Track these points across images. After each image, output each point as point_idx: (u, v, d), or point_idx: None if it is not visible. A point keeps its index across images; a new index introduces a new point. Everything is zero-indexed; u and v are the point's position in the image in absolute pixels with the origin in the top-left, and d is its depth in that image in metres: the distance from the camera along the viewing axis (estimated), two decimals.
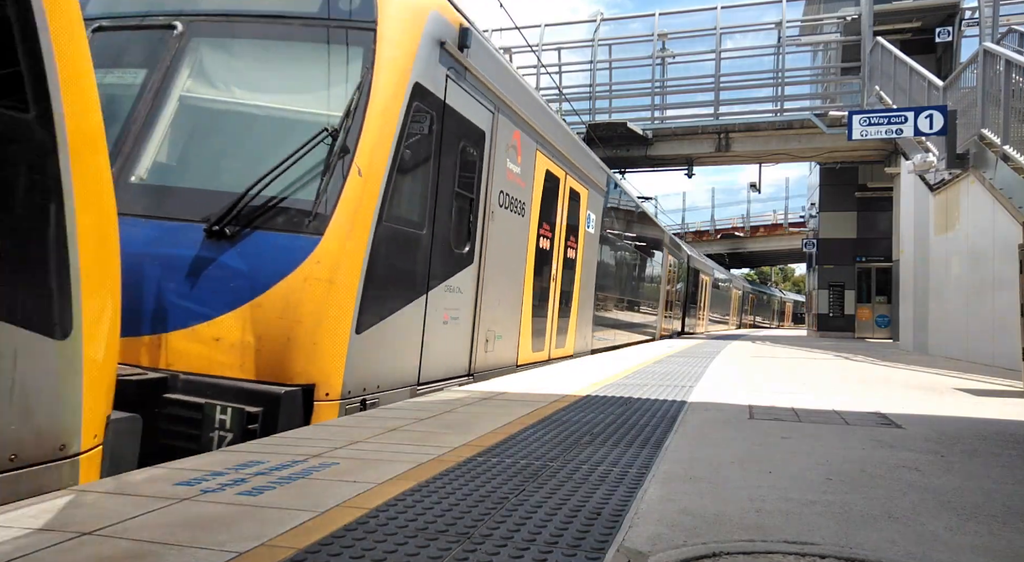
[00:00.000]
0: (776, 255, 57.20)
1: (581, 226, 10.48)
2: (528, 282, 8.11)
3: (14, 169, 2.44)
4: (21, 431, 2.47)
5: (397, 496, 2.35)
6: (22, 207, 2.50)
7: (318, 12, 4.97)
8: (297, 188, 4.56)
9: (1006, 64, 9.31)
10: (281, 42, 5.06)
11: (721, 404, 5.06)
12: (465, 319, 6.41)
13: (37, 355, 2.52)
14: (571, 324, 10.30)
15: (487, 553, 1.82)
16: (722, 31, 22.01)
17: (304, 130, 4.60)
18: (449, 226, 5.90)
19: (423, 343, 5.56)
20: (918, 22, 20.65)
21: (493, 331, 7.16)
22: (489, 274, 6.84)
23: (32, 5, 2.55)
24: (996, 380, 7.76)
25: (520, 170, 7.56)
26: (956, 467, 3.05)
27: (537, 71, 22.23)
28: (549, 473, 2.74)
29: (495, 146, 6.72)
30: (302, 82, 5.00)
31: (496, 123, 6.70)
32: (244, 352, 4.32)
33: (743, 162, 24.15)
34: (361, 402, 4.73)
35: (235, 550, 1.81)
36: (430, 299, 5.62)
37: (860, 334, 23.51)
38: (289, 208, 4.51)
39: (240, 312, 4.35)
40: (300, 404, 4.30)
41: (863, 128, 12.11)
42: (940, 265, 13.06)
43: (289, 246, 4.44)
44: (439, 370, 5.90)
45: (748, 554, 1.88)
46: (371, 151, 4.65)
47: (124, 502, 2.21)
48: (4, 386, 2.39)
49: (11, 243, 2.46)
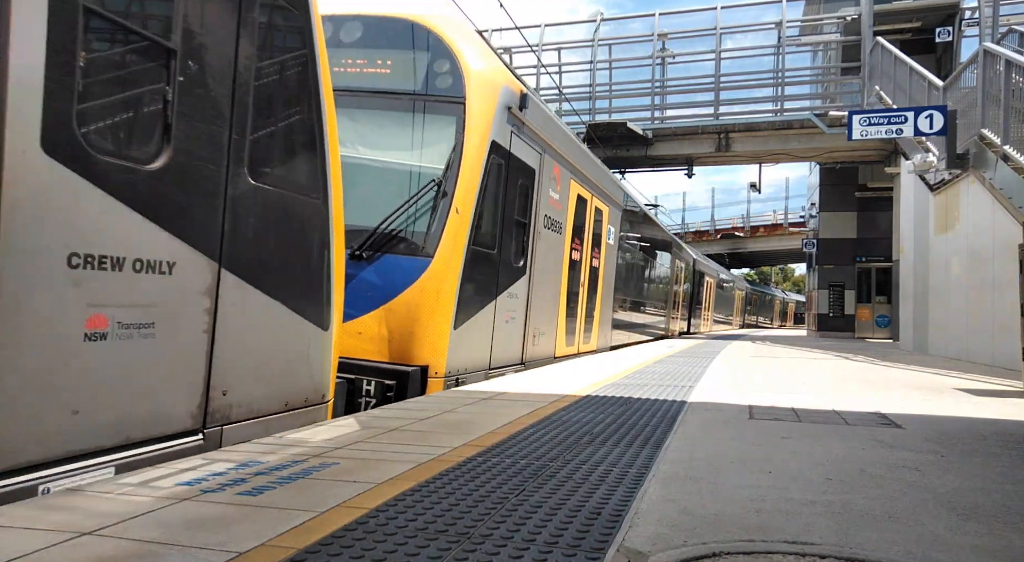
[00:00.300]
0: (776, 255, 57.18)
1: (603, 239, 12.14)
2: (563, 288, 9.79)
3: (313, 230, 4.15)
4: (309, 386, 4.14)
5: (397, 496, 2.35)
6: (316, 253, 4.19)
7: (424, 90, 6.67)
8: (413, 223, 6.31)
9: (1006, 64, 9.31)
10: (397, 112, 6.71)
11: (721, 404, 5.06)
12: (519, 319, 8.05)
13: (317, 341, 4.17)
14: (595, 323, 11.98)
15: (487, 553, 1.82)
16: (722, 31, 22.01)
17: (417, 180, 6.44)
18: (511, 246, 7.59)
19: (492, 337, 7.27)
20: (918, 22, 20.65)
21: (538, 329, 8.82)
22: (535, 282, 8.49)
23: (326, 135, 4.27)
24: (996, 380, 7.76)
25: (558, 196, 9.24)
26: (956, 467, 3.05)
27: (537, 71, 22.23)
28: (549, 473, 2.74)
29: (541, 180, 8.38)
30: (414, 143, 6.67)
31: (543, 162, 8.37)
32: (380, 342, 6.02)
33: (743, 162, 24.15)
34: (456, 380, 6.41)
35: (235, 550, 1.81)
36: (498, 303, 7.33)
37: (860, 334, 23.51)
38: (408, 237, 6.25)
39: (376, 313, 6.04)
40: (419, 380, 5.97)
41: (863, 128, 12.11)
42: (940, 265, 13.06)
43: (410, 266, 6.17)
44: (502, 359, 7.56)
45: (748, 554, 1.88)
46: (463, 195, 6.39)
47: (124, 502, 2.21)
48: (304, 359, 4.07)
49: (309, 276, 4.13)
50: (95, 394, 2.77)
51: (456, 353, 6.39)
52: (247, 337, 3.61)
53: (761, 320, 58.93)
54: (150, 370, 3.03)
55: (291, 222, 3.98)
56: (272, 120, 3.83)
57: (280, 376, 3.91)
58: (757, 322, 57.00)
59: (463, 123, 6.57)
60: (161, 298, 3.06)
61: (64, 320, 2.62)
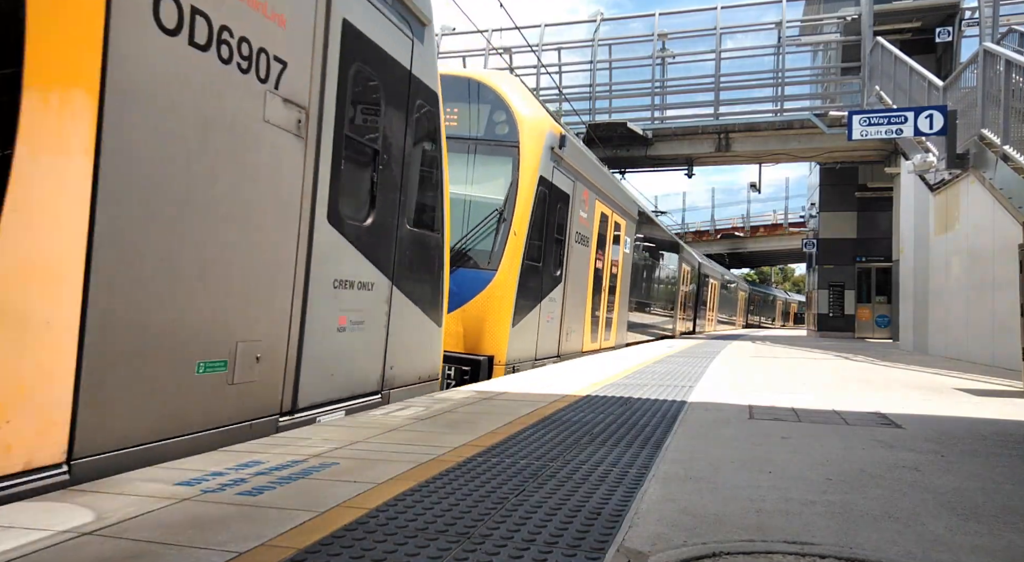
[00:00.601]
0: (776, 255, 57.15)
1: (621, 249, 14.04)
2: (589, 293, 11.59)
3: (436, 256, 5.67)
4: (431, 367, 5.71)
5: (397, 496, 2.35)
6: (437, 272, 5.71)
7: (487, 136, 8.49)
8: (482, 243, 8.09)
9: (1006, 64, 9.31)
10: (467, 154, 8.29)
11: (721, 404, 5.06)
12: (556, 319, 9.91)
13: (435, 335, 5.77)
14: (614, 323, 13.89)
15: (487, 553, 1.82)
16: (722, 31, 22.00)
17: (486, 208, 8.20)
18: (551, 259, 9.38)
19: (538, 334, 9.07)
20: (918, 22, 20.65)
21: (570, 327, 10.61)
22: (568, 289, 10.30)
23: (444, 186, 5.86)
24: (996, 380, 7.76)
25: (586, 215, 11.01)
26: (956, 467, 3.05)
27: (537, 71, 22.23)
28: (549, 473, 2.74)
29: (574, 203, 10.19)
30: (483, 178, 8.40)
31: (575, 188, 10.16)
32: (457, 337, 7.57)
33: (743, 162, 24.14)
34: (512, 367, 8.17)
35: (235, 550, 1.81)
36: (542, 306, 9.11)
37: (860, 334, 23.50)
38: (479, 254, 8.02)
39: (455, 314, 7.51)
40: (487, 366, 7.71)
41: (863, 128, 12.10)
42: (940, 265, 13.06)
43: (480, 277, 7.90)
44: (544, 352, 9.37)
45: (748, 554, 1.88)
46: (519, 220, 8.22)
47: (124, 502, 2.21)
48: (429, 347, 5.62)
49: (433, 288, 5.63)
50: (339, 366, 4.35)
51: (513, 346, 8.20)
52: (402, 331, 5.20)
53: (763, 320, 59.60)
54: (362, 352, 4.66)
55: (425, 251, 5.57)
56: (419, 183, 5.46)
57: (417, 358, 5.53)
58: (760, 322, 57.74)
59: (517, 163, 8.35)
60: (367, 306, 4.67)
61: (329, 320, 4.21)
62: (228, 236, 3.31)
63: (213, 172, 3.18)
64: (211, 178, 3.17)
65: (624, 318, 14.84)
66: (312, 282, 3.99)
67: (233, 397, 3.38)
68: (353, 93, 4.39)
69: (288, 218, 3.78)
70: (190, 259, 3.08)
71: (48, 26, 2.39)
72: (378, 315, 4.83)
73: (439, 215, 5.81)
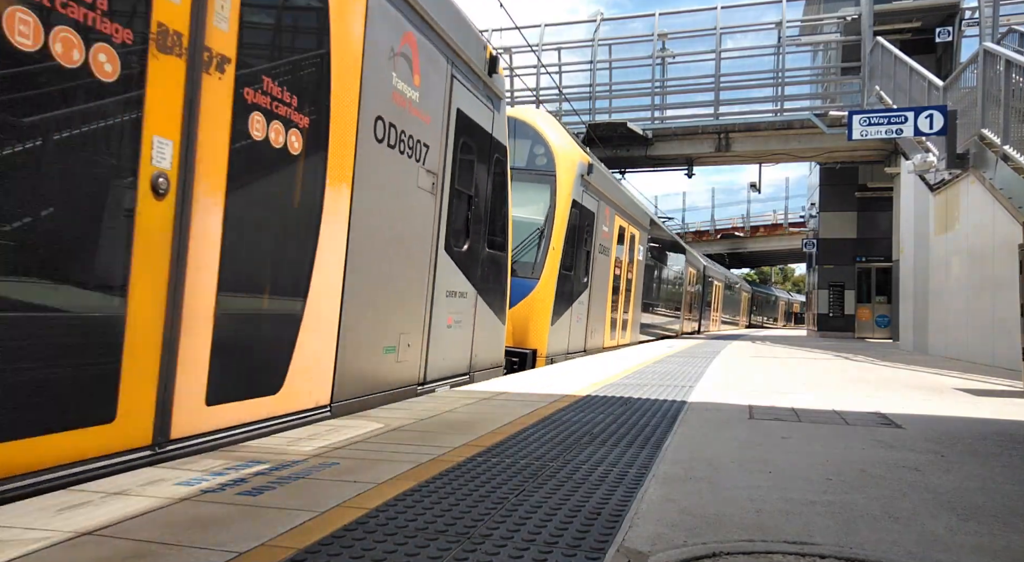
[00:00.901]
0: (776, 255, 57.15)
1: (635, 257, 15.89)
2: (609, 297, 13.40)
3: (503, 270, 7.36)
4: (498, 356, 7.44)
5: (397, 496, 2.35)
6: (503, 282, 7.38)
7: (528, 166, 10.13)
8: (527, 255, 9.70)
9: (1006, 64, 9.31)
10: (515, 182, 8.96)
11: (721, 404, 5.06)
12: (583, 319, 11.53)
13: (502, 331, 7.49)
14: (629, 323, 15.82)
15: (487, 553, 1.82)
16: (722, 31, 22.00)
17: (530, 227, 9.82)
18: (580, 268, 11.03)
19: (569, 332, 10.76)
20: (918, 22, 20.64)
21: (594, 327, 12.35)
22: (593, 293, 12.00)
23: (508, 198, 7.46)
24: (996, 380, 7.76)
25: (607, 229, 12.75)
26: (956, 467, 3.05)
27: (537, 71, 22.23)
28: (549, 473, 2.74)
29: (598, 219, 11.92)
30: (526, 202, 9.82)
31: (599, 206, 11.93)
32: (508, 333, 8.42)
33: (743, 162, 24.13)
34: (550, 359, 9.74)
35: (235, 550, 1.81)
36: (573, 308, 10.82)
37: (860, 334, 23.50)
38: (524, 266, 9.59)
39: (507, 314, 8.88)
40: (532, 358, 9.33)
41: (863, 128, 12.11)
42: (940, 265, 13.05)
43: (525, 285, 9.47)
44: (574, 347, 11.17)
45: (748, 554, 1.88)
46: (556, 236, 9.88)
47: (124, 502, 2.21)
48: (497, 341, 7.35)
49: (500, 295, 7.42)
50: (447, 353, 5.99)
51: (551, 342, 9.92)
52: (482, 328, 6.86)
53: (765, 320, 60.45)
54: (460, 343, 6.33)
55: (496, 267, 7.19)
56: (494, 215, 7.04)
57: (490, 349, 7.17)
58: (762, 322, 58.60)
59: (554, 189, 10.04)
60: (463, 309, 6.32)
61: (443, 320, 5.83)
62: (400, 262, 5.02)
63: (394, 221, 4.91)
64: (394, 225, 4.90)
65: (638, 318, 16.77)
66: (435, 292, 5.66)
67: (398, 370, 5.08)
68: (459, 157, 6.04)
69: (425, 249, 5.47)
70: (386, 277, 4.84)
71: (339, 152, 4.13)
72: (468, 316, 6.52)
73: (505, 238, 7.46)
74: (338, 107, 4.13)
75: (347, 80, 4.22)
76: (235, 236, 3.29)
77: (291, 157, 3.72)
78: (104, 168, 2.63)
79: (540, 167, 10.14)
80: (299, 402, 3.89)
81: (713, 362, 9.67)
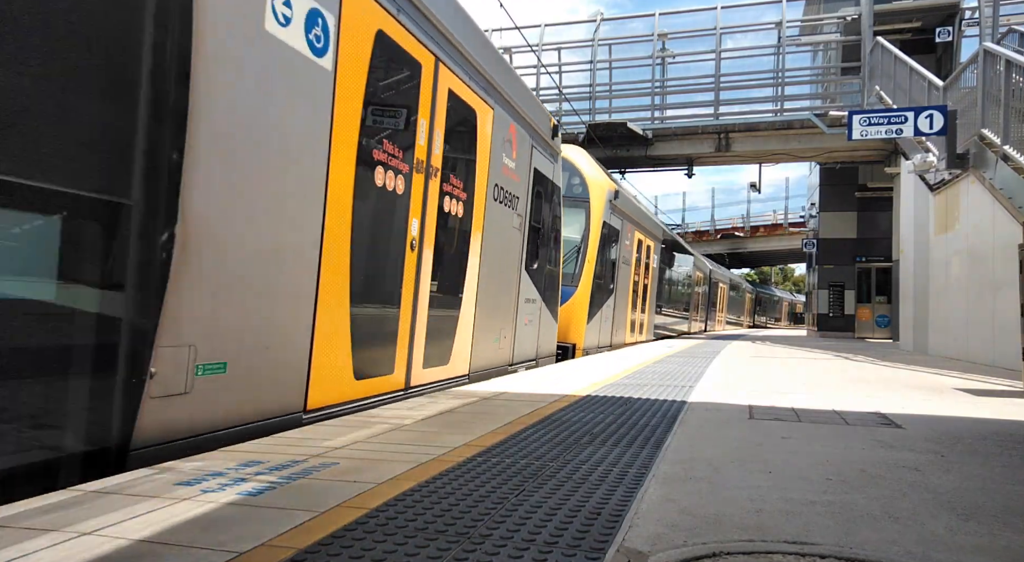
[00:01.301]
0: (776, 255, 57.11)
1: (651, 265, 18.45)
2: (630, 301, 15.94)
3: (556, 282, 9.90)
4: (551, 348, 9.74)
5: (397, 496, 2.35)
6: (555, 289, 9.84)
7: (567, 194, 11.64)
8: (567, 267, 11.52)
9: (1006, 64, 9.31)
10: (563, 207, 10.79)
11: (721, 404, 5.06)
12: (610, 320, 14.08)
13: (555, 329, 9.96)
14: (646, 322, 18.46)
15: (487, 553, 1.82)
16: (722, 31, 21.99)
17: (569, 244, 11.69)
18: (608, 277, 13.47)
19: (599, 330, 13.09)
20: (918, 22, 20.64)
21: (618, 326, 14.88)
22: (617, 298, 14.58)
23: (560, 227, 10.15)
24: (996, 380, 7.76)
25: (629, 243, 15.32)
26: (956, 467, 3.05)
27: (537, 71, 22.22)
28: (549, 473, 2.74)
29: (622, 236, 14.43)
30: (568, 223, 11.25)
31: (623, 225, 14.42)
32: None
33: (743, 162, 24.12)
34: (586, 352, 11.99)
35: (235, 550, 1.81)
36: (602, 311, 13.20)
37: (860, 334, 23.50)
38: (566, 276, 11.20)
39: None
40: (572, 350, 11.64)
41: (863, 128, 12.10)
42: (940, 265, 13.05)
43: (567, 291, 11.27)
44: (603, 343, 13.45)
45: (748, 554, 1.88)
46: (590, 252, 12.14)
47: (124, 502, 2.21)
48: (551, 334, 9.70)
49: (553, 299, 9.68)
50: (524, 344, 8.30)
51: (587, 338, 12.22)
52: (543, 327, 8.97)
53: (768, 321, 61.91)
54: (531, 337, 8.48)
55: (552, 280, 9.35)
56: (553, 241, 9.24)
57: (548, 342, 9.32)
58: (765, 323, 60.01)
59: (588, 213, 12.32)
60: (533, 312, 8.50)
61: (523, 319, 8.16)
62: (502, 279, 7.34)
63: (500, 252, 7.18)
64: (500, 255, 7.15)
65: (652, 319, 19.49)
66: (519, 300, 7.98)
67: (499, 355, 7.45)
68: (533, 201, 8.29)
69: (515, 269, 7.79)
70: (495, 290, 7.07)
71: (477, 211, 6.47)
72: (536, 317, 8.75)
73: (558, 256, 9.75)
74: (478, 185, 6.45)
75: (483, 167, 6.59)
76: (438, 269, 5.60)
77: (457, 218, 6.01)
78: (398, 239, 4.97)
79: (577, 195, 12.22)
80: (455, 371, 6.24)
81: (713, 362, 9.67)
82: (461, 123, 5.97)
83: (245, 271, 3.32)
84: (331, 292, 4.04)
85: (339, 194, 4.05)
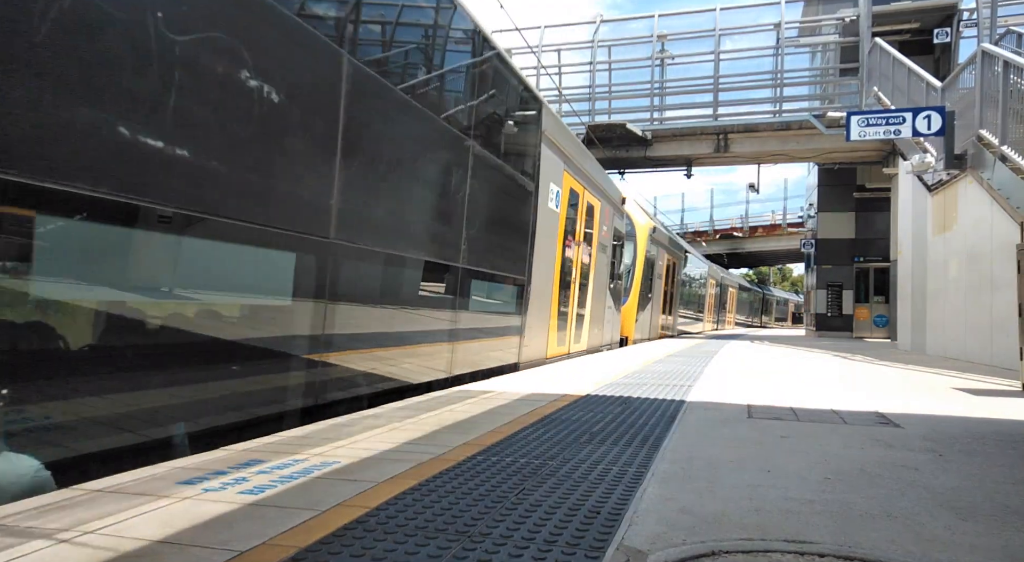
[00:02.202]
0: (775, 255, 57.18)
1: (676, 278, 23.63)
2: (661, 305, 20.99)
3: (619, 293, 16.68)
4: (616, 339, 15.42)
5: (398, 495, 2.36)
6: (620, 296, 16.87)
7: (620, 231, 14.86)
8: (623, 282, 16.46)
9: (1004, 65, 9.33)
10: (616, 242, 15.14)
11: (720, 403, 5.07)
12: (648, 319, 19.13)
13: (616, 318, 15.33)
14: (672, 321, 23.69)
15: (487, 551, 1.83)
16: (721, 32, 22.01)
17: (625, 268, 16.64)
18: (649, 289, 18.78)
19: (642, 327, 18.58)
20: (916, 23, 20.67)
21: (653, 324, 20.00)
22: (653, 303, 19.45)
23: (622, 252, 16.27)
24: (994, 380, 7.77)
25: (661, 263, 20.37)
26: (954, 466, 3.06)
27: (537, 72, 22.22)
28: (548, 472, 2.75)
29: (657, 258, 19.57)
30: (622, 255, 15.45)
31: (659, 251, 19.69)
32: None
33: (742, 163, 24.14)
34: (635, 342, 17.45)
35: (236, 549, 1.82)
36: (644, 313, 18.66)
37: (858, 334, 23.52)
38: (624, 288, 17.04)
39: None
40: (626, 341, 16.82)
41: (861, 129, 12.12)
42: (938, 265, 13.07)
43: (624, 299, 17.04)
44: (644, 337, 18.72)
45: (747, 553, 1.89)
46: (638, 272, 17.65)
47: (127, 501, 2.22)
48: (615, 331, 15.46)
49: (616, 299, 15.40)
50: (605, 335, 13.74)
51: (636, 332, 17.09)
52: (612, 323, 14.41)
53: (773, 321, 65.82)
54: (609, 331, 14.26)
55: (617, 291, 14.78)
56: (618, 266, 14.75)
57: (615, 334, 14.93)
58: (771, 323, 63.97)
59: (636, 246, 17.07)
60: (612, 314, 14.56)
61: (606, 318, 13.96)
62: (601, 295, 12.77)
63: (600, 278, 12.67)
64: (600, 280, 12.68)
65: (676, 319, 25.11)
66: (605, 306, 13.06)
67: (599, 339, 12.83)
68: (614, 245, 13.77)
69: (605, 288, 13.15)
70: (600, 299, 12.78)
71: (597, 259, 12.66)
72: (613, 317, 13.89)
73: (613, 274, 13.80)
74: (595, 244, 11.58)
75: (596, 234, 11.84)
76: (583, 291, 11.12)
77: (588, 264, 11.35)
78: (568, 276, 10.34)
79: (629, 232, 16.51)
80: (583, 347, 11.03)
81: (712, 362, 9.68)
82: (590, 214, 11.34)
83: (539, 298, 8.72)
84: (552, 304, 9.38)
85: (557, 258, 9.36)
